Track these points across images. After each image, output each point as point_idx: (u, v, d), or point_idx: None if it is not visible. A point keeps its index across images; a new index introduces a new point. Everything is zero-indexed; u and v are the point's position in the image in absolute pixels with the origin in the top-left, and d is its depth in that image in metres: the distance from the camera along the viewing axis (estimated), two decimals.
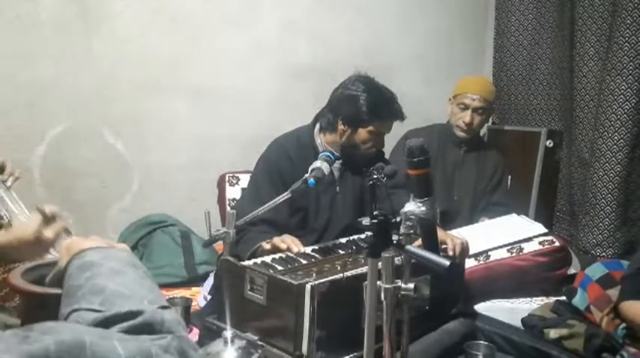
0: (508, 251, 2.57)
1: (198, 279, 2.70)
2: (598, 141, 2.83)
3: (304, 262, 1.91)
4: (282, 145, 2.31)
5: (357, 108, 2.17)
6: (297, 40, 3.25)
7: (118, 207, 2.99)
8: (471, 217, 2.87)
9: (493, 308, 2.33)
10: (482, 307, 2.33)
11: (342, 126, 2.21)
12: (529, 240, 2.61)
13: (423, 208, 1.46)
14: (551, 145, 3.22)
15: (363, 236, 2.16)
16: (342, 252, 2.05)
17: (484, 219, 2.81)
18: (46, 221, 1.35)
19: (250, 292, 1.70)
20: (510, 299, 2.45)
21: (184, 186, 3.10)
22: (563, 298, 2.34)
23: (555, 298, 2.39)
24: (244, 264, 1.83)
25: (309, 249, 2.03)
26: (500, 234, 2.64)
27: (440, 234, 1.79)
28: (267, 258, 1.93)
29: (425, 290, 1.81)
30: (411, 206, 1.47)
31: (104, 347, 0.67)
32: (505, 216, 2.79)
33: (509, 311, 2.33)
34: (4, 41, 2.67)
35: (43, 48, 2.74)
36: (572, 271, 2.66)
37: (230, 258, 1.81)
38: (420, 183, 1.48)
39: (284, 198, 1.89)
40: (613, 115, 2.76)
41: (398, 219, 1.44)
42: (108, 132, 2.92)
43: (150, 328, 0.74)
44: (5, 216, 1.65)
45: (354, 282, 1.58)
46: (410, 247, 1.36)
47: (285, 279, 1.66)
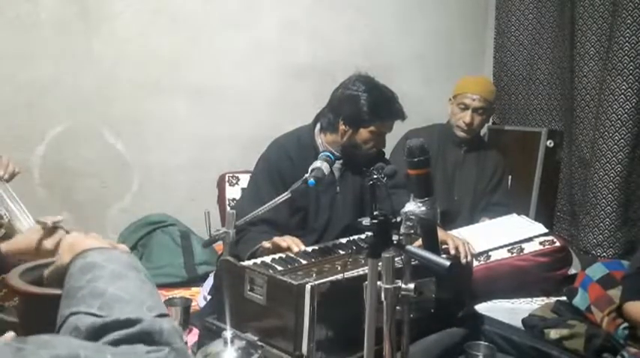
0: (508, 251, 2.57)
1: (198, 279, 2.70)
2: (599, 141, 2.83)
3: (304, 262, 1.91)
4: (283, 145, 2.31)
5: (358, 109, 2.17)
6: (297, 40, 3.25)
7: (118, 207, 2.99)
8: (472, 217, 2.87)
9: (493, 309, 2.33)
10: (483, 307, 2.33)
11: (343, 127, 2.21)
12: (529, 240, 2.61)
13: (423, 208, 1.46)
14: (552, 145, 3.22)
15: (363, 236, 2.16)
16: (342, 252, 2.05)
17: (484, 219, 2.80)
18: (47, 233, 1.36)
19: (250, 292, 1.70)
20: (511, 300, 2.45)
21: (184, 186, 3.10)
22: (563, 298, 2.34)
23: (556, 298, 2.39)
24: (244, 264, 1.83)
25: (309, 249, 2.03)
26: (501, 234, 2.63)
27: (440, 234, 1.79)
28: (267, 258, 1.93)
29: (429, 292, 1.80)
30: (412, 206, 1.46)
31: None
32: (505, 216, 2.78)
33: (509, 311, 2.33)
34: (4, 41, 2.67)
35: (43, 48, 2.74)
36: (572, 271, 2.66)
37: (230, 258, 1.80)
38: (420, 183, 1.48)
39: (284, 198, 1.89)
40: (613, 115, 2.76)
41: (398, 219, 1.44)
42: (108, 132, 2.92)
43: (148, 337, 0.74)
44: (5, 215, 1.65)
45: (354, 282, 1.58)
46: (410, 247, 1.36)
47: (285, 279, 1.66)
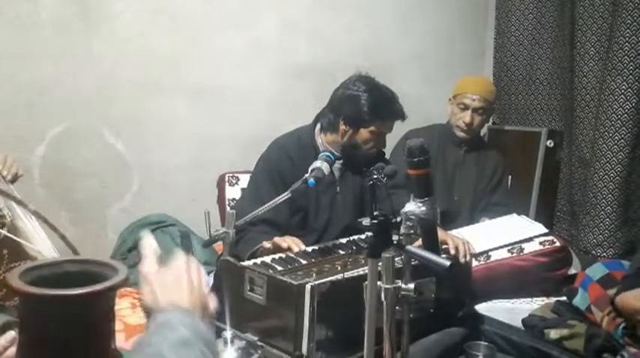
0: (509, 251, 2.56)
1: None
2: (599, 141, 2.83)
3: (304, 262, 1.91)
4: (283, 145, 2.30)
5: (358, 109, 2.17)
6: (297, 40, 3.25)
7: (118, 207, 2.98)
8: (472, 217, 2.87)
9: (493, 309, 2.33)
10: (483, 307, 2.33)
11: (343, 127, 2.21)
12: (529, 240, 2.61)
13: (423, 208, 1.46)
14: (552, 145, 3.22)
15: (363, 236, 2.16)
16: (342, 252, 2.05)
17: (484, 219, 2.80)
18: None
19: (250, 292, 1.70)
20: (511, 300, 2.45)
21: (184, 186, 3.09)
22: (563, 298, 2.34)
23: (556, 298, 2.39)
24: (244, 264, 1.83)
25: (309, 249, 2.03)
26: (501, 234, 2.63)
27: (440, 234, 1.79)
28: (267, 258, 1.93)
29: (429, 292, 1.80)
30: (411, 206, 1.46)
31: None
32: (505, 216, 2.78)
33: (509, 311, 2.33)
34: (4, 41, 2.67)
35: (43, 48, 2.73)
36: (572, 271, 2.66)
37: (230, 259, 1.80)
38: (420, 183, 1.48)
39: (284, 198, 1.89)
40: (614, 115, 2.76)
41: (398, 219, 1.44)
42: (108, 132, 2.92)
43: None
44: (8, 215, 1.65)
45: (354, 283, 1.58)
46: (410, 247, 1.36)
47: (285, 279, 1.66)
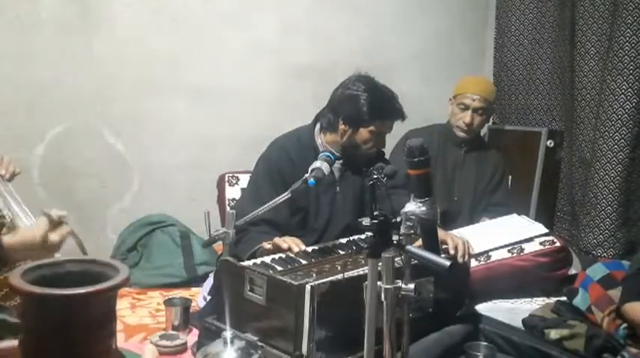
0: (509, 251, 2.56)
1: (197, 280, 2.69)
2: (599, 141, 2.82)
3: (304, 262, 1.91)
4: (283, 145, 2.30)
5: (358, 108, 2.17)
6: (297, 40, 3.25)
7: (118, 207, 2.99)
8: (472, 217, 2.87)
9: (494, 309, 2.33)
10: (483, 307, 2.33)
11: (343, 126, 2.21)
12: (530, 240, 2.60)
13: (423, 208, 1.45)
14: (552, 145, 3.22)
15: (363, 236, 2.15)
16: (342, 253, 2.05)
17: (485, 220, 2.80)
18: (53, 225, 1.35)
19: (250, 292, 1.70)
20: (511, 300, 2.45)
21: (184, 186, 3.09)
22: (563, 298, 2.34)
23: (556, 298, 2.39)
24: (244, 264, 1.83)
25: (309, 250, 2.03)
26: (501, 235, 2.63)
27: (440, 234, 1.79)
28: (267, 259, 1.93)
29: (428, 292, 1.81)
30: (412, 206, 1.46)
31: None
32: (506, 216, 2.78)
33: (509, 311, 2.32)
34: (4, 41, 2.67)
35: (43, 48, 2.73)
36: (572, 271, 2.66)
37: (230, 259, 1.80)
38: (420, 183, 1.48)
39: (284, 198, 1.89)
40: (614, 115, 2.75)
41: (398, 219, 1.43)
42: (108, 132, 2.92)
43: None
44: (7, 215, 1.65)
45: (354, 283, 1.57)
46: (410, 247, 1.36)
47: (285, 280, 1.66)
